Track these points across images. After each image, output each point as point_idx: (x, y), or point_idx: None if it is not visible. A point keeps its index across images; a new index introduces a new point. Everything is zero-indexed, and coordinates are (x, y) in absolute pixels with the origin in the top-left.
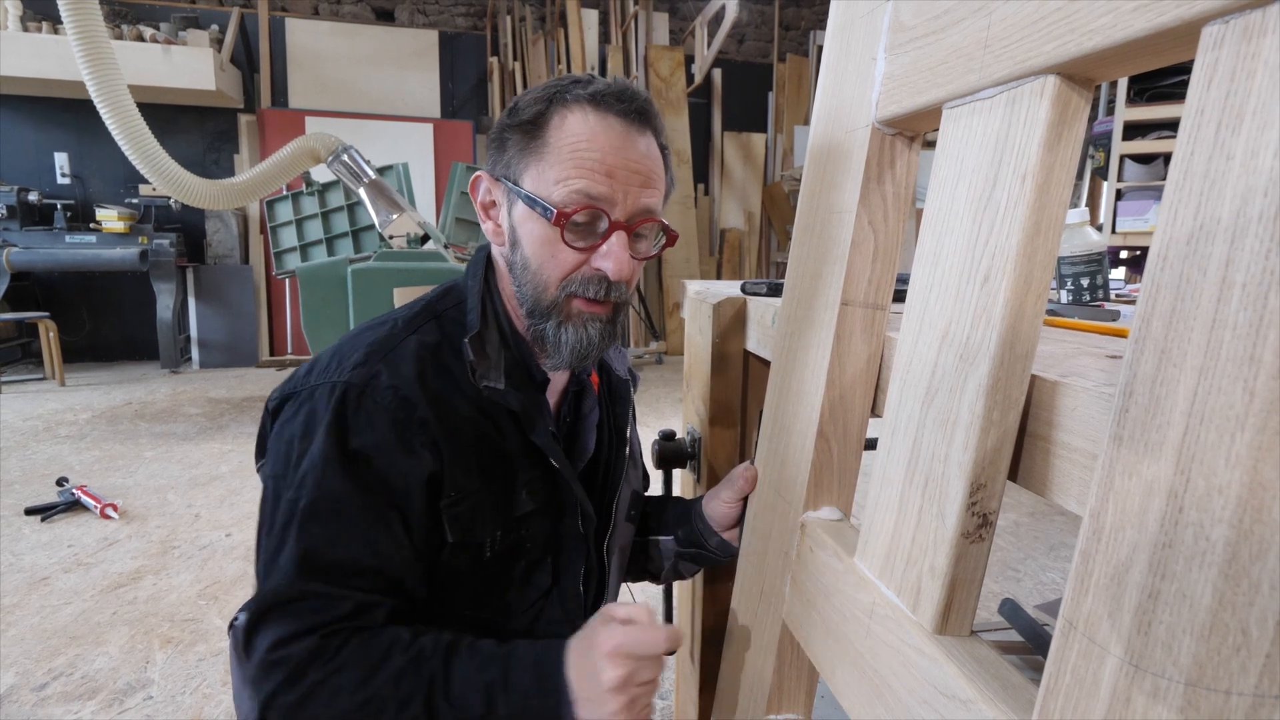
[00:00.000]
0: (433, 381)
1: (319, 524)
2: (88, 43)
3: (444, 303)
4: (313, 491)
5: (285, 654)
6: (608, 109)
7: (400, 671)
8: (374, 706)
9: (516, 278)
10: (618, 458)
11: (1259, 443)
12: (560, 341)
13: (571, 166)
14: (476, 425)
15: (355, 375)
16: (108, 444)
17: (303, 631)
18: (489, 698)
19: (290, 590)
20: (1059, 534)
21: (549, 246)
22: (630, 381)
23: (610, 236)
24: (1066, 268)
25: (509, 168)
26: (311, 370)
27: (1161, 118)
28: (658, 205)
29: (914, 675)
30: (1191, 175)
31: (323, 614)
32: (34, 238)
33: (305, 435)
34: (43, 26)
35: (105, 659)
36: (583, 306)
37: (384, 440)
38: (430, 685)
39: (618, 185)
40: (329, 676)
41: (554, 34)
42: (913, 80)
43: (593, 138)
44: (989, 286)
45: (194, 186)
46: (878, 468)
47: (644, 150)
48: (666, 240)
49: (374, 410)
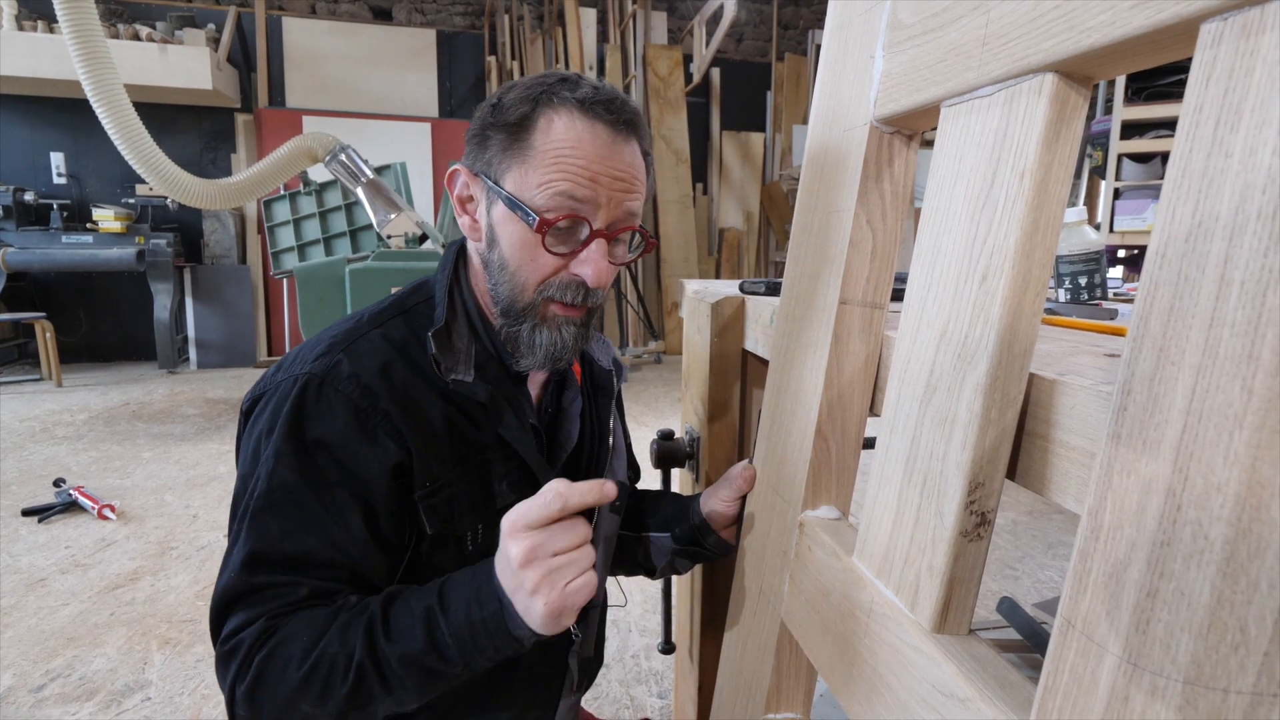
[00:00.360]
0: (398, 374)
1: (272, 517)
2: (83, 42)
3: (412, 298)
4: (266, 483)
5: (235, 641)
6: (595, 117)
7: (345, 627)
8: (323, 667)
9: (493, 276)
10: (601, 448)
11: (1257, 441)
12: (535, 343)
13: (556, 171)
14: (447, 417)
15: (316, 365)
16: (105, 445)
17: (255, 618)
18: (428, 625)
19: (240, 585)
20: (1057, 532)
21: (528, 250)
22: (614, 372)
23: (590, 243)
24: (1065, 266)
25: (490, 166)
26: (279, 368)
27: (1159, 117)
28: (638, 211)
29: (912, 674)
30: (1190, 173)
31: (275, 601)
32: (30, 238)
33: (268, 431)
34: (38, 25)
35: (103, 660)
36: (559, 310)
37: (345, 429)
38: (370, 630)
39: (601, 191)
40: (276, 649)
41: (552, 33)
42: (911, 78)
43: (579, 144)
44: (987, 285)
45: (191, 186)
46: (876, 466)
47: (629, 159)
48: (645, 248)
49: (334, 399)
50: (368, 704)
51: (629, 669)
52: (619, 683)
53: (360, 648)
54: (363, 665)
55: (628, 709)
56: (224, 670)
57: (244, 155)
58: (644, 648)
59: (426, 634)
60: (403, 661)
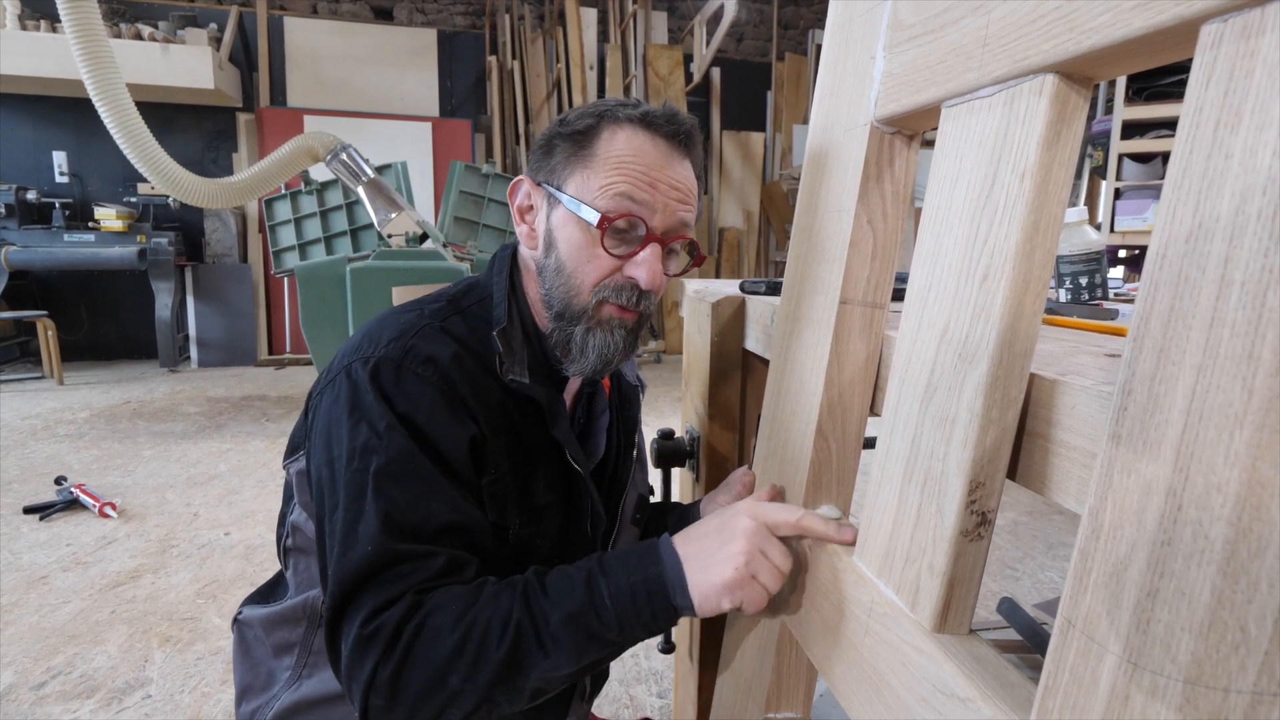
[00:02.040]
0: (467, 364)
1: (395, 486)
2: (86, 41)
3: (468, 299)
4: (384, 455)
5: (380, 622)
6: (657, 130)
7: (496, 594)
8: (477, 631)
9: (548, 280)
10: (625, 461)
11: (1258, 440)
12: (587, 346)
13: (618, 175)
14: (506, 411)
15: (389, 350)
16: (106, 443)
17: (397, 596)
18: (589, 585)
19: (380, 555)
20: (1057, 533)
21: (586, 250)
22: (639, 388)
23: (646, 246)
24: (1065, 266)
25: (554, 173)
26: (344, 355)
27: (1160, 117)
28: (691, 224)
29: (913, 673)
30: (1190, 174)
31: (417, 574)
32: (32, 236)
33: (352, 411)
34: (41, 25)
35: (104, 658)
36: (614, 312)
37: (432, 407)
38: (526, 594)
39: (659, 197)
40: (426, 620)
41: (553, 33)
42: (911, 79)
43: (640, 152)
44: (988, 285)
45: (192, 185)
46: (876, 466)
47: (684, 173)
48: (694, 260)
49: (416, 381)
50: (521, 669)
51: (629, 668)
52: (619, 682)
53: (518, 607)
54: (521, 625)
55: (628, 708)
56: (362, 655)
57: (245, 154)
58: (643, 647)
59: (587, 593)
60: (563, 620)
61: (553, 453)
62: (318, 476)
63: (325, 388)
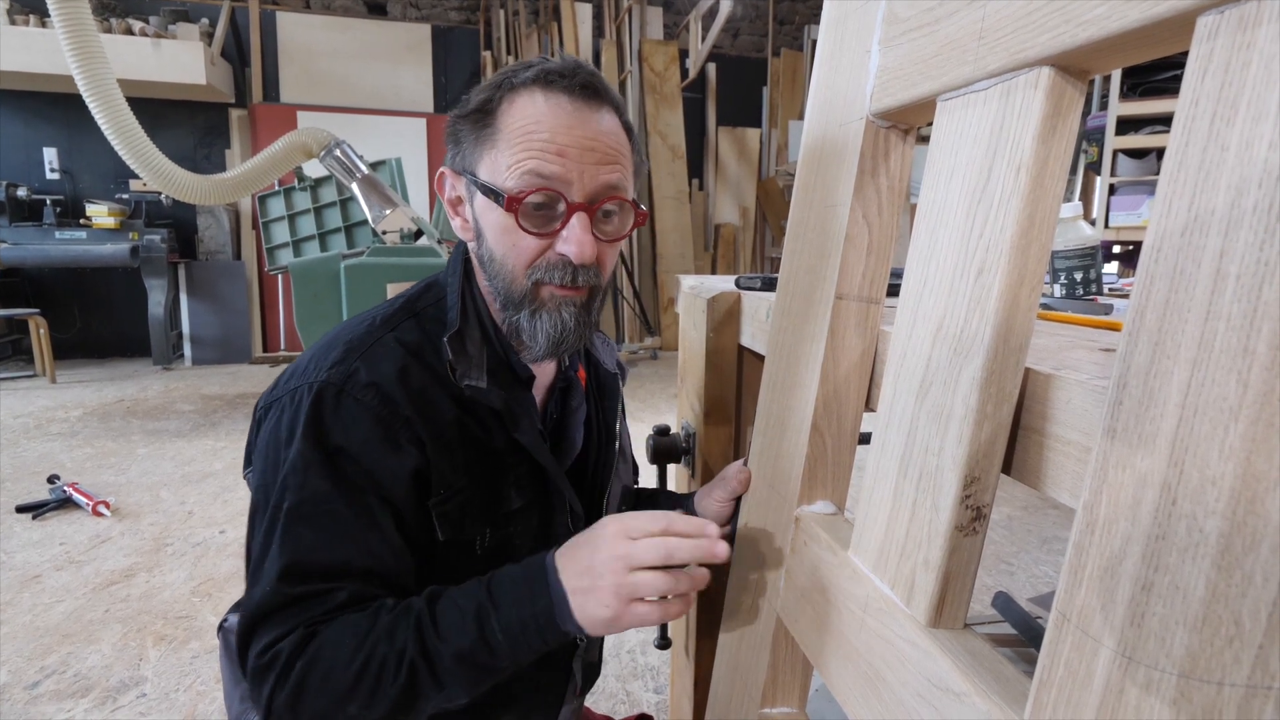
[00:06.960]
0: (415, 380)
1: (306, 527)
2: (76, 36)
3: (423, 300)
4: (297, 494)
5: (272, 654)
6: (555, 88)
7: (391, 626)
8: (373, 666)
9: (487, 271)
10: (607, 454)
11: (1252, 434)
12: (536, 330)
13: (521, 150)
14: (461, 423)
15: (332, 374)
16: (100, 441)
17: (292, 629)
18: (479, 621)
19: (276, 598)
20: (1052, 527)
21: (509, 235)
22: (619, 375)
23: (570, 219)
24: (1060, 262)
25: (465, 160)
26: (293, 375)
27: (1154, 112)
28: (621, 182)
29: (908, 668)
30: (1186, 167)
31: (313, 609)
32: (23, 233)
33: (288, 440)
34: (30, 20)
35: (98, 657)
36: (555, 291)
37: (369, 437)
38: (419, 629)
39: (572, 164)
40: (318, 653)
41: (547, 28)
42: (907, 73)
43: (541, 118)
44: (983, 280)
45: (185, 182)
46: (872, 461)
47: (599, 126)
48: (636, 220)
49: (354, 408)
50: (416, 703)
51: (625, 664)
52: (615, 678)
53: (411, 646)
54: (415, 663)
55: (624, 704)
56: (260, 683)
57: (238, 150)
58: (640, 643)
59: (478, 629)
60: (455, 658)
61: (522, 453)
62: (253, 497)
63: (271, 405)
